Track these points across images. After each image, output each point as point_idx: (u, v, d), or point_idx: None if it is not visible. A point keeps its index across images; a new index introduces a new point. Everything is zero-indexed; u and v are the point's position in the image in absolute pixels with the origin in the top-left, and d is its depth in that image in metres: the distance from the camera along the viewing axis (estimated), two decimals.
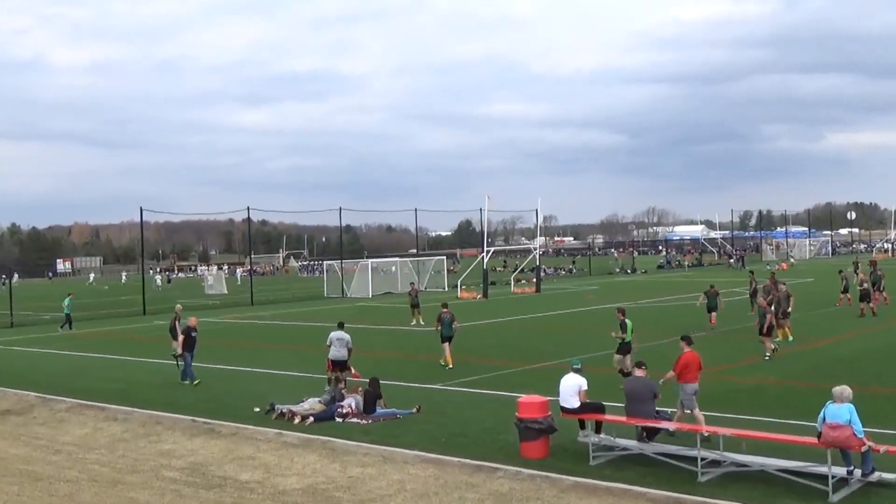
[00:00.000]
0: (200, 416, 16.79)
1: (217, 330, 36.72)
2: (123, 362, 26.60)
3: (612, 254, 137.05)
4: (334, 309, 46.73)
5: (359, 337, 31.96)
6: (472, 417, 15.84)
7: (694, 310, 32.83)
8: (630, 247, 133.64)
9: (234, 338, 33.10)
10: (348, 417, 16.12)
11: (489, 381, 20.03)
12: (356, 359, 20.91)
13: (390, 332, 33.17)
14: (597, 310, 39.32)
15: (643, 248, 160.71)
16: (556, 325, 33.25)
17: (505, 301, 48.25)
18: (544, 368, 21.35)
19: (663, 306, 39.73)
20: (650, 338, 26.88)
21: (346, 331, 19.94)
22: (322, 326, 26.84)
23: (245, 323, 39.86)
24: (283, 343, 30.22)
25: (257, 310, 48.18)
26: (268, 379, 21.61)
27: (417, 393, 18.59)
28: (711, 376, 19.58)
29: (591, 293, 51.26)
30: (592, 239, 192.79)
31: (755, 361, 21.68)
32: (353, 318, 39.62)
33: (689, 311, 34.30)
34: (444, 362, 22.31)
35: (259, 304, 52.91)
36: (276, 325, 37.82)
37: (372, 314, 42.56)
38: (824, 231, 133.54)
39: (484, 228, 58.87)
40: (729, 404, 16.06)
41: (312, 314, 42.06)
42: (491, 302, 48.41)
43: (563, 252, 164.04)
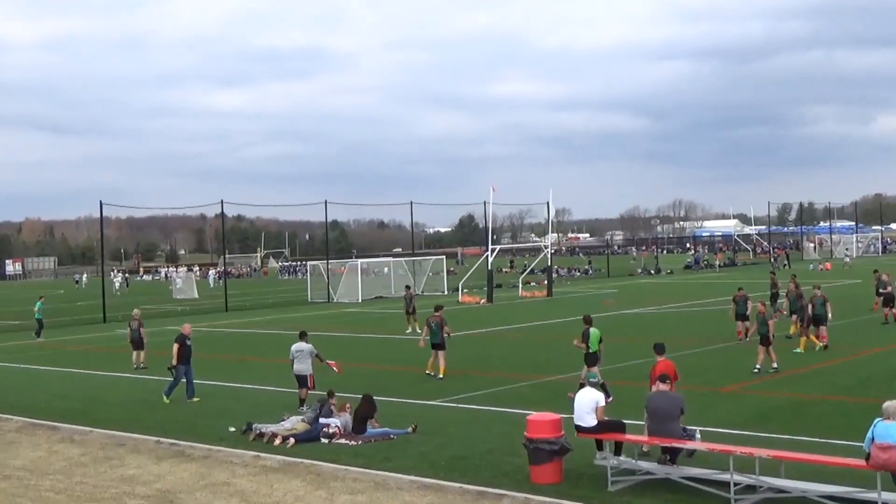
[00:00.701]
0: (168, 437, 16.79)
1: None
2: (81, 376, 26.62)
3: (633, 252, 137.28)
4: (319, 316, 46.71)
5: (347, 347, 32.12)
6: (475, 438, 15.85)
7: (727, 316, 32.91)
8: (653, 244, 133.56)
9: (205, 349, 33.06)
10: (335, 438, 16.11)
11: (495, 396, 20.05)
12: (343, 375, 20.91)
13: (383, 342, 33.17)
14: (617, 316, 39.36)
15: (668, 246, 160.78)
16: (571, 333, 33.21)
17: (512, 306, 48.27)
18: (557, 382, 21.37)
19: (691, 312, 39.76)
20: (675, 348, 26.89)
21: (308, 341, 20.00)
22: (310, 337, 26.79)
23: (218, 332, 39.87)
24: (261, 355, 30.22)
25: (232, 317, 48.18)
26: (244, 395, 21.62)
27: (413, 410, 18.60)
28: (745, 391, 19.62)
29: (610, 297, 51.28)
30: (611, 236, 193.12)
31: (793, 374, 21.70)
32: (341, 326, 39.67)
33: (720, 318, 34.32)
34: (431, 371, 22.65)
35: (234, 310, 52.92)
36: (254, 335, 37.83)
37: (362, 321, 42.56)
38: (873, 226, 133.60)
39: (488, 224, 59.07)
40: (765, 422, 16.07)
41: (295, 322, 42.07)
42: (496, 307, 48.42)
43: (578, 251, 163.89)
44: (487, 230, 58.79)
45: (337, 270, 66.23)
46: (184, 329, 21.57)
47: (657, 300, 47.27)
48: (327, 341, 32.67)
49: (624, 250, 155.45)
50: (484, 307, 48.77)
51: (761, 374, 21.62)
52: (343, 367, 21.47)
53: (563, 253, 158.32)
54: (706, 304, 43.71)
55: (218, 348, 33.02)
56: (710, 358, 24.69)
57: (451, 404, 19.34)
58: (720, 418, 16.52)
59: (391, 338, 33.92)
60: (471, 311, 46.50)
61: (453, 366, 24.97)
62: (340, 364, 20.60)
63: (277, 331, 37.62)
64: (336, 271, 65.43)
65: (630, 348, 26.99)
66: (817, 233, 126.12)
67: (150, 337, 28.77)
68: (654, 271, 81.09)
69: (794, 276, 33.51)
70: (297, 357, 19.55)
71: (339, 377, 20.53)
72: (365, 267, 64.91)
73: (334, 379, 20.38)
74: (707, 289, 54.74)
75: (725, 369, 22.38)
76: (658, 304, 44.20)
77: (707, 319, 35.60)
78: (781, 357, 23.29)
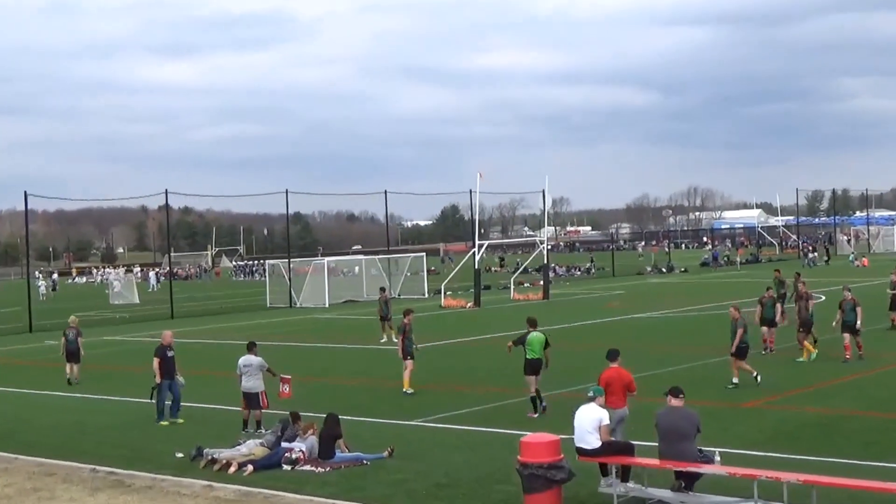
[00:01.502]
0: (105, 465, 16.71)
1: (125, 352, 36.57)
2: (4, 395, 26.47)
3: (641, 248, 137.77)
4: (280, 323, 46.62)
5: (312, 359, 32.09)
6: (460, 462, 15.89)
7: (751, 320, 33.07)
8: (665, 238, 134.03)
9: (147, 362, 32.90)
10: (300, 464, 16.09)
11: (483, 414, 20.09)
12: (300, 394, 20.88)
13: (353, 353, 33.14)
14: (623, 321, 39.49)
15: (682, 241, 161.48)
16: (570, 341, 33.34)
17: (503, 310, 48.34)
18: (555, 398, 21.40)
19: (709, 317, 39.92)
20: (690, 358, 27.05)
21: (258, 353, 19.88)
22: (265, 347, 26.72)
23: None
24: (212, 369, 30.12)
25: (179, 325, 47.98)
26: (194, 416, 21.54)
27: (389, 431, 18.59)
28: (768, 406, 19.74)
29: (615, 300, 51.44)
30: (616, 228, 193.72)
31: (826, 387, 21.86)
32: (304, 335, 39.59)
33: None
34: (412, 388, 22.83)
35: (181, 317, 52.76)
36: (204, 345, 37.76)
37: (329, 329, 42.50)
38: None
39: (475, 216, 59.08)
40: (792, 442, 16.18)
41: (251, 330, 41.96)
42: (484, 312, 48.47)
43: (579, 246, 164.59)
44: (474, 223, 58.84)
45: (300, 270, 66.06)
46: (164, 338, 21.36)
47: (669, 302, 47.44)
48: (288, 353, 32.63)
49: (631, 245, 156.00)
50: (470, 312, 48.82)
51: (774, 388, 21.74)
52: (308, 383, 21.43)
53: (560, 249, 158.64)
54: (726, 306, 43.80)
55: None
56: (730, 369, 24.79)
57: (433, 424, 19.34)
58: (741, 438, 16.62)
59: (363, 348, 33.91)
60: (455, 316, 46.50)
61: (436, 379, 24.96)
62: (293, 381, 20.38)
63: (231, 341, 37.49)
64: (299, 271, 65.29)
65: (637, 358, 27.04)
66: (853, 224, 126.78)
67: (84, 349, 28.57)
68: (666, 269, 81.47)
69: (798, 274, 33.64)
70: (245, 372, 19.47)
71: (297, 394, 20.40)
72: (332, 266, 64.79)
73: (296, 395, 20.34)
74: (727, 289, 54.96)
75: (746, 382, 22.49)
76: (670, 308, 44.37)
77: (727, 325, 35.64)
78: (819, 369, 23.43)
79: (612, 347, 15.61)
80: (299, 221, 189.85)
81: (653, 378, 23.36)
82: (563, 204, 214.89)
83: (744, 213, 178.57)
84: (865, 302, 28.13)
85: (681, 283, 65.35)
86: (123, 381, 27.64)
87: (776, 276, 36.15)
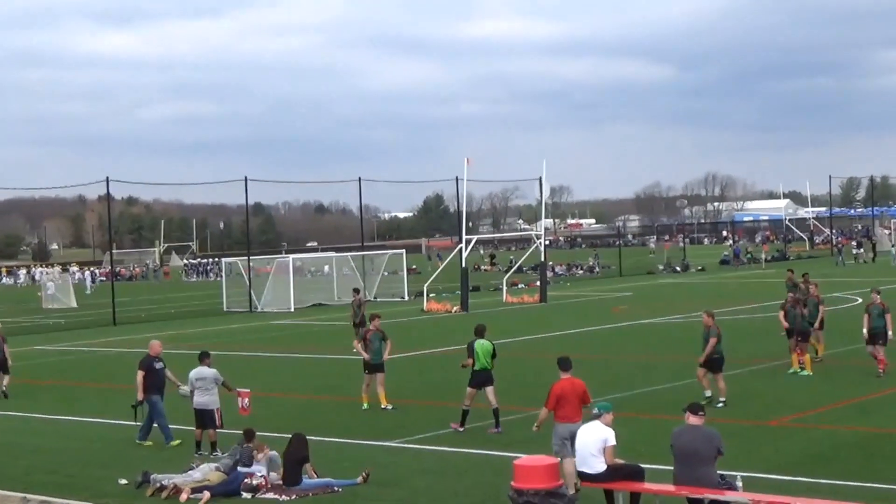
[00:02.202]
0: (37, 493, 16.62)
1: (60, 363, 36.40)
2: None
3: (652, 243, 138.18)
4: (238, 330, 46.52)
5: (275, 371, 32.02)
6: (445, 490, 15.87)
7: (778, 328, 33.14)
8: (679, 233, 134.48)
9: (85, 375, 32.77)
10: (261, 491, 16.06)
11: (471, 434, 20.06)
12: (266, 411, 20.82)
13: (323, 364, 33.11)
14: (631, 328, 39.52)
15: (699, 235, 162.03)
16: (570, 350, 33.30)
17: (494, 315, 48.33)
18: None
19: (730, 322, 39.92)
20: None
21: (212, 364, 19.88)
22: (221, 357, 26.67)
23: (104, 353, 39.64)
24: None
25: (122, 332, 47.85)
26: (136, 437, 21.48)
27: (364, 454, 18.57)
28: (798, 424, 19.77)
29: (622, 303, 51.50)
30: (624, 221, 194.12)
31: (864, 402, 21.90)
32: (266, 344, 39.49)
33: (768, 330, 34.60)
34: (365, 402, 22.89)
35: (125, 323, 52.60)
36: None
37: (294, 337, 42.42)
38: None
39: (461, 207, 58.90)
40: (825, 464, 16.23)
41: (205, 338, 41.88)
42: (473, 317, 48.40)
43: (581, 241, 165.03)
44: (461, 215, 58.72)
45: (261, 270, 65.95)
46: (151, 348, 21.08)
47: (684, 306, 47.47)
48: (247, 364, 32.58)
49: (640, 241, 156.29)
50: (457, 317, 48.79)
51: (804, 403, 21.78)
52: (270, 398, 21.37)
53: (560, 245, 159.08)
54: (749, 310, 44.02)
55: (103, 374, 32.74)
56: (755, 382, 24.84)
57: (414, 445, 19.32)
58: (767, 460, 16.65)
59: (334, 359, 33.83)
60: (440, 321, 46.46)
61: (418, 394, 24.93)
62: (253, 397, 20.35)
63: (182, 350, 37.31)
64: (260, 271, 65.19)
65: (648, 370, 27.10)
66: (894, 216, 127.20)
67: (11, 359, 28.45)
68: (680, 268, 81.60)
69: (804, 274, 33.76)
70: (198, 387, 19.43)
71: (258, 411, 20.36)
72: (298, 265, 64.72)
73: (256, 414, 20.29)
74: (749, 291, 55.10)
75: (775, 396, 22.54)
76: (685, 312, 44.36)
77: (750, 332, 35.82)
78: (858, 381, 23.47)
79: (563, 356, 15.99)
80: (260, 213, 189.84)
81: (667, 392, 23.48)
82: (564, 193, 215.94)
83: (769, 204, 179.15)
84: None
85: (697, 284, 65.47)
86: (59, 397, 27.50)
87: (789, 277, 35.89)
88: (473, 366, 20.44)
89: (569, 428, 14.57)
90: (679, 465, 13.02)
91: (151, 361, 20.79)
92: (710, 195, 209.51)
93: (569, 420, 14.73)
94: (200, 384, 19.43)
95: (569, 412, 14.83)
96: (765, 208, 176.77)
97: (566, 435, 14.57)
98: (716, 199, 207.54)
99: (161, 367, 20.76)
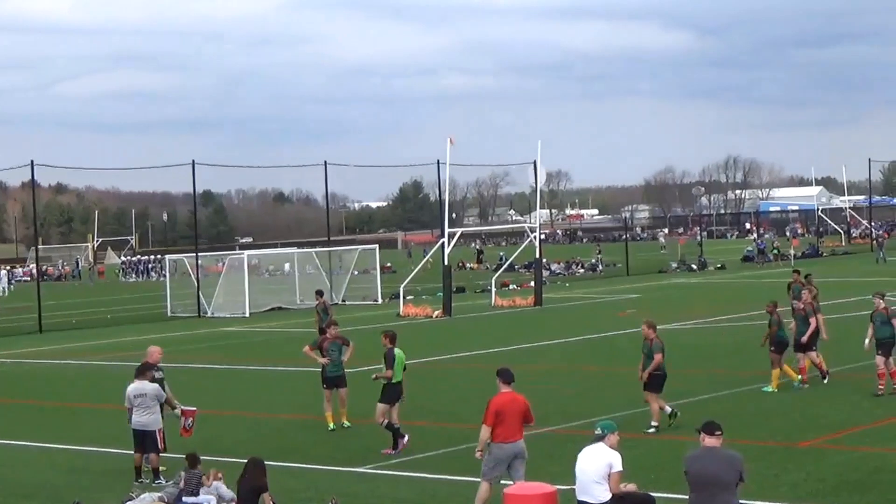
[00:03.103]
0: None
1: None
2: None
3: (664, 237, 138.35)
4: (184, 338, 46.44)
5: (226, 386, 31.95)
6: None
7: None
8: (696, 225, 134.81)
9: (6, 391, 32.66)
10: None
11: (454, 458, 20.04)
12: (216, 432, 20.83)
13: (282, 377, 33.15)
14: (639, 335, 39.42)
15: (718, 228, 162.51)
16: (569, 361, 33.43)
17: (481, 321, 48.37)
18: (550, 436, 21.48)
19: (753, 328, 40.09)
20: (729, 383, 27.16)
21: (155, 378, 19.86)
22: (165, 370, 26.63)
23: (27, 364, 39.60)
24: (94, 400, 30.08)
25: (48, 341, 47.74)
26: (67, 461, 21.47)
27: (331, 481, 18.58)
28: (830, 446, 19.88)
29: (629, 307, 51.58)
30: (631, 212, 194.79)
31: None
32: (217, 354, 39.43)
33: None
34: (331, 422, 22.96)
35: (52, 331, 52.46)
36: (82, 369, 37.64)
37: (250, 346, 42.38)
38: None
39: (444, 196, 59.03)
40: (864, 492, 16.34)
41: (147, 347, 41.75)
42: (457, 322, 48.50)
43: (582, 235, 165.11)
44: (442, 205, 58.88)
45: (212, 269, 65.87)
46: (149, 355, 20.96)
47: (700, 310, 47.57)
48: (195, 377, 32.51)
49: (651, 235, 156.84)
50: (438, 322, 48.81)
51: (838, 423, 21.91)
52: (221, 417, 21.37)
53: (558, 239, 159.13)
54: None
55: (25, 390, 32.71)
56: (781, 398, 24.94)
57: (389, 472, 19.34)
58: (797, 487, 16.76)
59: (296, 371, 33.74)
60: (419, 328, 46.44)
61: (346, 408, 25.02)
62: (200, 415, 20.34)
63: (118, 362, 37.32)
64: (210, 270, 65.11)
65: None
66: None
67: None
68: (697, 266, 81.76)
69: (807, 276, 33.89)
70: (137, 404, 19.39)
71: (207, 432, 20.37)
72: (255, 263, 64.71)
73: (206, 435, 20.30)
74: (776, 293, 55.13)
75: (804, 413, 22.63)
76: (702, 317, 44.49)
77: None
78: (862, 399, 23.56)
79: (504, 367, 16.03)
80: (210, 203, 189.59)
81: (680, 410, 23.50)
82: (562, 180, 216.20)
83: (799, 192, 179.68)
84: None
85: (716, 285, 65.61)
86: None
87: (795, 279, 35.63)
88: (391, 380, 20.92)
89: (505, 449, 14.95)
90: (695, 493, 13.06)
91: (149, 369, 20.73)
92: (732, 182, 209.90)
93: (506, 440, 14.98)
94: (139, 402, 19.38)
95: (507, 431, 15.00)
96: (794, 196, 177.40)
97: (502, 457, 14.95)
98: (738, 186, 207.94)
99: (160, 378, 20.49)
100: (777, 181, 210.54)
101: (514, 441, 14.99)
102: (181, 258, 67.99)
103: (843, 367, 28.18)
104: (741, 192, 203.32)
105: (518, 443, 15.01)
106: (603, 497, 13.40)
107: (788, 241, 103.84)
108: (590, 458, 13.62)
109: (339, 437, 22.55)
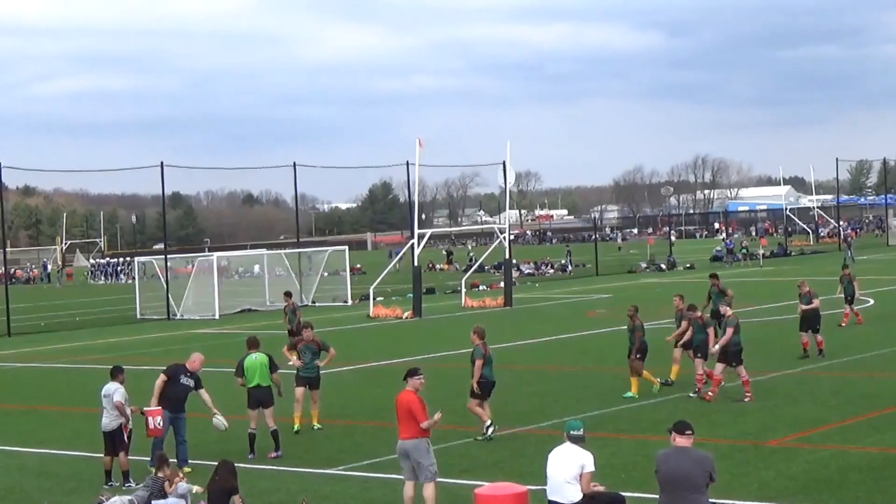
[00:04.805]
0: None
1: None
2: None
3: (634, 237, 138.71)
4: (154, 340, 46.28)
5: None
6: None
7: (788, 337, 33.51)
8: (665, 225, 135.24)
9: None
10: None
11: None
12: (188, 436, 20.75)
13: None
14: (609, 335, 39.64)
15: (687, 227, 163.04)
16: (538, 362, 33.43)
17: (451, 322, 48.34)
18: (521, 436, 21.47)
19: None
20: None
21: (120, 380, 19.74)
22: (135, 373, 26.50)
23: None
24: (63, 402, 29.94)
25: (17, 344, 47.50)
26: (37, 465, 21.36)
27: (302, 483, 18.55)
28: (802, 444, 19.93)
29: (599, 307, 51.68)
30: (601, 212, 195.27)
31: (876, 417, 22.08)
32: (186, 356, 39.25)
33: (769, 335, 34.81)
34: (297, 423, 22.94)
35: (20, 334, 52.17)
36: (52, 372, 37.48)
37: (219, 348, 42.20)
38: None
39: (413, 197, 58.94)
40: (836, 491, 16.41)
41: (116, 349, 41.62)
42: (426, 323, 48.47)
43: (551, 236, 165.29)
44: (412, 206, 58.78)
45: (181, 271, 65.59)
46: (191, 362, 21.06)
47: (670, 310, 47.50)
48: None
49: (620, 235, 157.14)
50: (408, 323, 48.77)
51: (809, 420, 21.98)
52: (192, 420, 21.25)
53: (527, 239, 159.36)
54: (744, 314, 44.20)
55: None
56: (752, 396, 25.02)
57: (361, 473, 19.31)
58: (767, 486, 16.82)
59: None
60: (388, 329, 46.41)
61: (361, 414, 24.92)
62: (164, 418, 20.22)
63: (89, 365, 37.19)
64: (179, 272, 64.83)
65: (630, 383, 27.18)
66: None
67: None
68: (666, 266, 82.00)
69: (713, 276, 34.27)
70: (104, 405, 19.40)
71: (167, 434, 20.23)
72: (224, 265, 64.45)
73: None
74: (745, 291, 55.43)
75: (773, 413, 22.69)
76: (672, 317, 44.49)
77: (745, 339, 35.95)
78: (869, 394, 23.63)
79: (413, 367, 16.57)
80: (179, 205, 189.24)
81: (651, 409, 23.57)
82: (531, 180, 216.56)
83: (768, 192, 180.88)
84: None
85: (685, 284, 65.63)
86: None
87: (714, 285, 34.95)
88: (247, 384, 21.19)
89: (399, 445, 15.63)
90: (665, 492, 13.06)
91: (179, 371, 20.59)
92: (700, 181, 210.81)
93: (400, 437, 15.63)
94: (106, 402, 19.35)
95: (400, 428, 15.68)
96: (762, 196, 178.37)
97: (400, 452, 15.63)
98: (707, 185, 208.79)
99: (186, 385, 20.56)
100: (745, 181, 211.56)
101: (403, 438, 15.57)
102: (150, 260, 67.73)
103: (811, 366, 28.31)
104: (710, 192, 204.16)
105: (408, 440, 15.51)
106: (574, 497, 13.39)
107: (756, 240, 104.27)
108: (561, 458, 13.60)
109: (310, 438, 22.50)
